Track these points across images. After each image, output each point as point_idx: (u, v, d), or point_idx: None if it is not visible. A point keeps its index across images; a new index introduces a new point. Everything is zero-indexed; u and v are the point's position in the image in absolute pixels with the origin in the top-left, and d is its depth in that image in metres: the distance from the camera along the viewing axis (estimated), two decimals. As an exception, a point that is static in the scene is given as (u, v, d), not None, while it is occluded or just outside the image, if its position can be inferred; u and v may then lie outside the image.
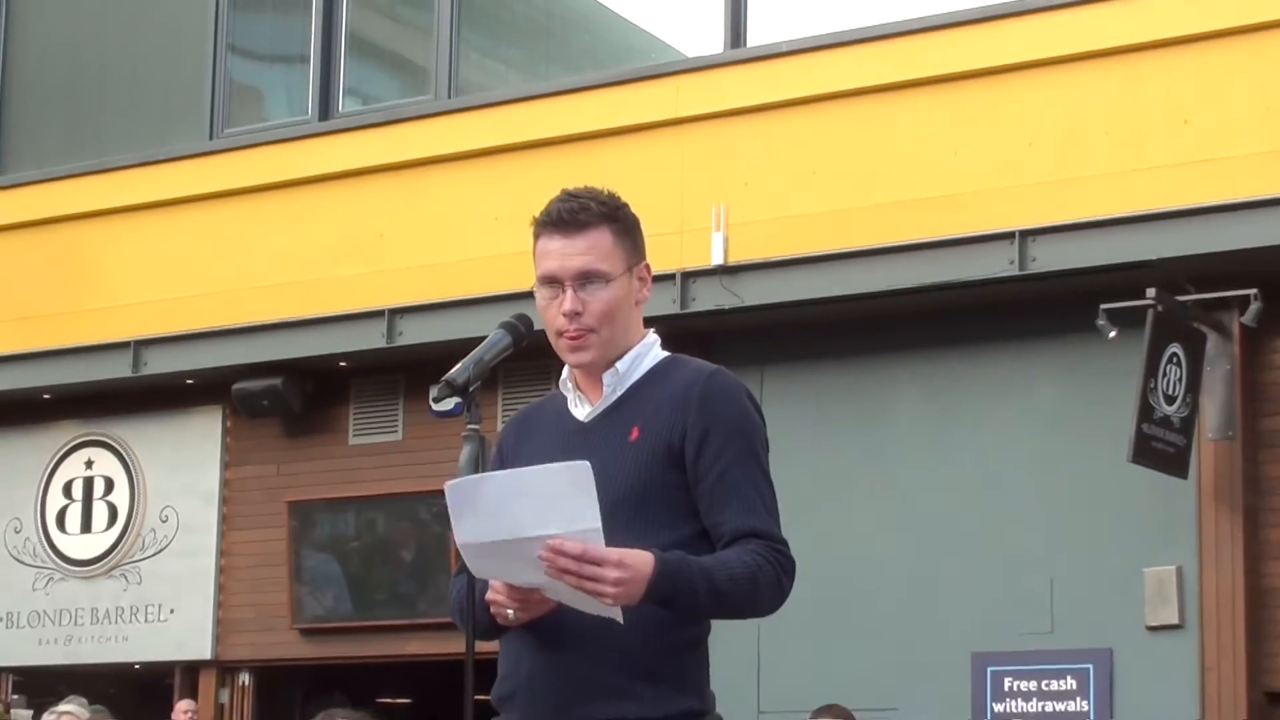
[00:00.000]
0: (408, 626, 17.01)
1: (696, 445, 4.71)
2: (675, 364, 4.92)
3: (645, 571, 4.41)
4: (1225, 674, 13.96)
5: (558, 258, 4.79)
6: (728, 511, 4.69)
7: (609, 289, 4.79)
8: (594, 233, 4.80)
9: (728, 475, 4.71)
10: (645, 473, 4.70)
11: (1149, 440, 13.65)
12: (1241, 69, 13.86)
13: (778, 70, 15.58)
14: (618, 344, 4.85)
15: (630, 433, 4.77)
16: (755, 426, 4.84)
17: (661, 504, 4.68)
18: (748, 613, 4.74)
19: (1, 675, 19.10)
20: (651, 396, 4.82)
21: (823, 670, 14.09)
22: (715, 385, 4.81)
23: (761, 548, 4.67)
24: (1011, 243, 14.28)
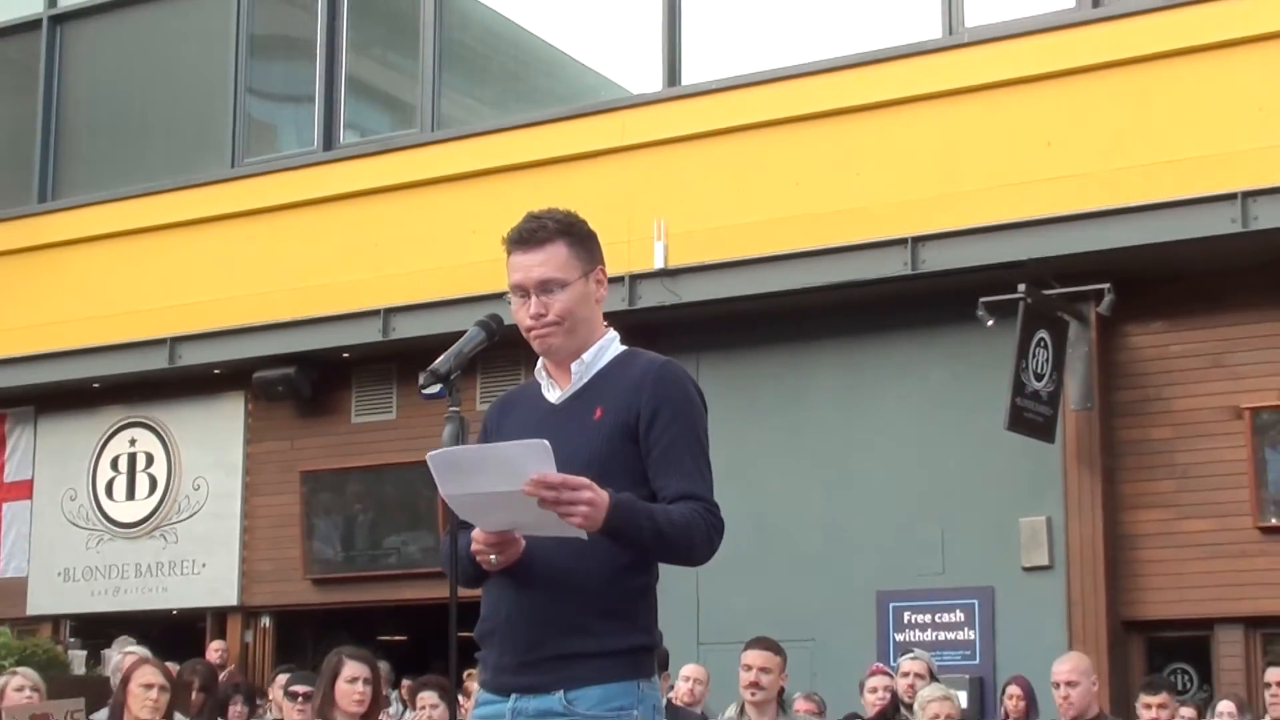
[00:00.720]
0: (403, 575, 17.02)
1: (648, 423, 4.78)
2: (632, 356, 4.98)
3: (605, 503, 4.47)
4: (1088, 607, 14.04)
5: (522, 269, 4.86)
6: (671, 478, 4.75)
7: (566, 292, 4.85)
8: (551, 247, 4.86)
9: (672, 448, 4.78)
10: (607, 445, 4.76)
11: (1022, 411, 13.72)
12: (1096, 100, 13.94)
13: (708, 105, 15.61)
14: (579, 336, 4.90)
15: (595, 412, 4.83)
16: (697, 410, 4.90)
17: (620, 471, 4.71)
18: (683, 558, 4.79)
19: (60, 621, 19.05)
20: (612, 383, 4.88)
21: (752, 607, 14.12)
22: (665, 374, 4.88)
23: (698, 507, 4.72)
24: (905, 247, 14.34)
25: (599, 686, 4.69)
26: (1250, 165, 13.21)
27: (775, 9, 16.08)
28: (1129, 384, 14.41)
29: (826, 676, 13.93)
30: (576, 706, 4.68)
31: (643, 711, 4.75)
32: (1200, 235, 13.42)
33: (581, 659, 4.70)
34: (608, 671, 4.71)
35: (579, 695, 4.68)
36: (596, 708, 4.69)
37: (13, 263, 19.13)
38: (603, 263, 5.00)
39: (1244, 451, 13.79)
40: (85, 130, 19.92)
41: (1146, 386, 14.36)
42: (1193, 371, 14.17)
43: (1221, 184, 13.25)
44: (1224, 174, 13.26)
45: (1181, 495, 14.10)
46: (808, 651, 14.13)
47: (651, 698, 4.80)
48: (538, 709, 4.72)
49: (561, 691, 4.69)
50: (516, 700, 4.76)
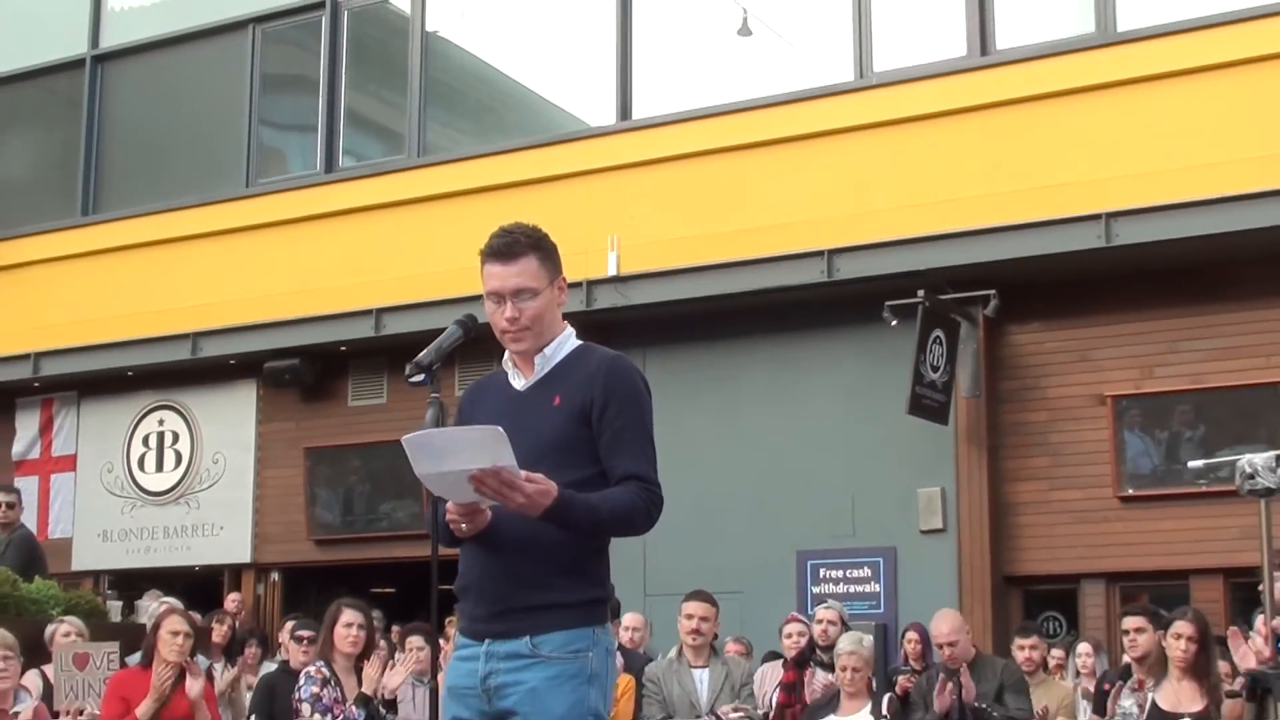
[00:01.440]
0: (393, 537, 16.99)
1: (600, 411, 4.77)
2: (588, 350, 4.97)
3: (544, 503, 4.48)
4: (975, 564, 14.10)
5: (499, 279, 4.85)
6: (620, 459, 4.76)
7: (537, 299, 4.85)
8: (524, 260, 4.85)
9: (621, 434, 4.78)
10: (564, 429, 4.77)
11: (920, 398, 13.78)
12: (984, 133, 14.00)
13: (654, 136, 15.60)
14: (545, 336, 4.90)
15: (554, 400, 4.83)
16: (643, 399, 4.90)
17: (576, 452, 4.73)
18: (625, 533, 4.79)
19: (100, 576, 18.98)
20: (570, 374, 4.88)
21: (691, 564, 14.11)
22: (616, 368, 4.88)
23: (639, 487, 4.73)
24: (822, 258, 14.37)
25: (560, 632, 4.72)
26: (1113, 190, 13.29)
27: (712, 56, 16.10)
28: (1010, 375, 14.47)
29: (753, 623, 13.95)
30: (541, 649, 4.70)
31: (597, 653, 4.77)
32: (1071, 249, 13.48)
33: (545, 609, 4.72)
34: (567, 619, 4.73)
35: (543, 640, 4.70)
36: (558, 650, 4.71)
37: (59, 268, 19.04)
38: (563, 272, 5.01)
39: (1106, 433, 13.88)
40: (121, 154, 19.83)
41: (1025, 377, 14.43)
42: (1064, 365, 14.24)
43: (1089, 206, 13.32)
44: (1091, 197, 13.33)
45: (1054, 470, 14.18)
46: (738, 602, 14.14)
47: (605, 641, 4.82)
48: (508, 651, 4.73)
49: (528, 636, 4.71)
50: (489, 644, 4.77)
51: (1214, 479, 11.08)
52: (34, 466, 19.74)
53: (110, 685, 9.15)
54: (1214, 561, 13.15)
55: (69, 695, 9.68)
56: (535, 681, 4.70)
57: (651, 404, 4.95)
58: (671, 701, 9.77)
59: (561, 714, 4.69)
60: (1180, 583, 13.56)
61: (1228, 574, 13.13)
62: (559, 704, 4.69)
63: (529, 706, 4.71)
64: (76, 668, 9.82)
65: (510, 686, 4.73)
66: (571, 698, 4.71)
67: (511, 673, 4.73)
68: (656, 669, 10.09)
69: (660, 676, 9.93)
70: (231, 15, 18.86)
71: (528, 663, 4.72)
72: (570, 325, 5.06)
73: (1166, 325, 13.82)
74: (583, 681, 4.73)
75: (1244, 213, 12.77)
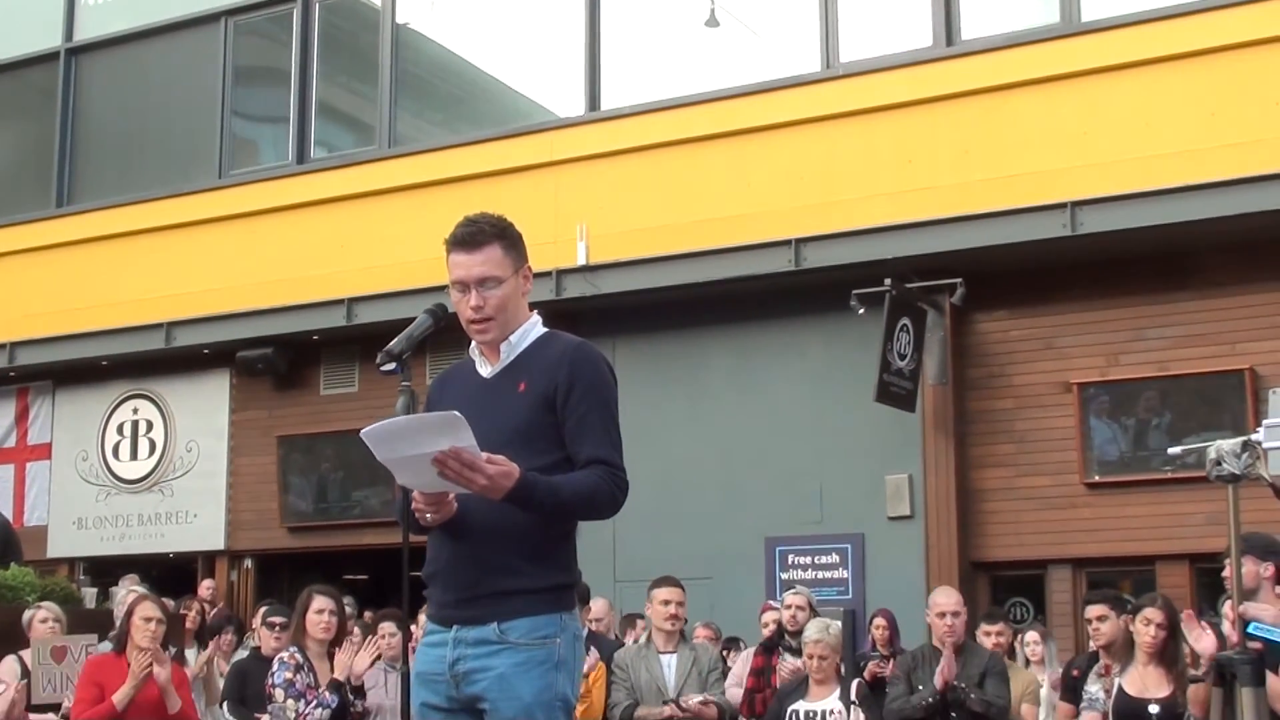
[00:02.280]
0: (365, 524, 16.93)
1: (564, 397, 4.72)
2: (553, 337, 4.92)
3: (505, 485, 4.43)
4: (943, 550, 14.07)
5: (464, 268, 4.80)
6: (584, 445, 4.71)
7: (501, 288, 4.79)
8: (488, 249, 4.80)
9: (585, 419, 4.72)
10: (529, 415, 4.72)
11: (888, 386, 13.75)
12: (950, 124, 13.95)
13: (623, 127, 15.54)
14: (510, 324, 4.85)
15: (519, 386, 4.78)
16: (608, 384, 4.85)
17: (541, 437, 4.69)
18: (590, 517, 4.76)
19: (75, 563, 18.90)
20: (535, 361, 4.82)
21: (659, 550, 14.08)
22: (580, 354, 4.82)
23: (604, 471, 4.68)
24: (789, 247, 14.32)
25: (527, 619, 4.67)
26: (1077, 180, 13.25)
27: (681, 47, 16.03)
28: (977, 363, 14.43)
29: (722, 608, 13.91)
30: (508, 635, 4.65)
31: (565, 639, 4.73)
32: (1036, 238, 13.45)
33: (512, 595, 4.67)
34: (534, 605, 4.68)
35: (510, 626, 4.65)
36: (525, 636, 4.66)
37: (34, 259, 18.94)
38: (528, 260, 4.94)
39: (1072, 420, 13.84)
40: (95, 146, 19.72)
41: (991, 365, 14.39)
42: (1030, 352, 14.20)
43: (1054, 195, 13.29)
44: (1056, 187, 13.30)
45: (1020, 456, 14.14)
46: (706, 588, 14.10)
47: (572, 627, 4.78)
48: (475, 638, 4.68)
49: (495, 623, 4.66)
50: (457, 630, 4.72)
51: (1185, 466, 10.99)
52: (10, 455, 19.65)
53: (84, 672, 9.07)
54: (1180, 548, 13.14)
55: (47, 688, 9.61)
56: (503, 667, 4.65)
57: (617, 390, 4.90)
58: (639, 688, 9.73)
59: (529, 700, 4.64)
60: (1146, 569, 13.54)
61: (1193, 560, 13.12)
62: (526, 690, 4.64)
63: (497, 692, 4.66)
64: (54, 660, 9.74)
65: (478, 672, 4.68)
66: (539, 683, 4.66)
67: (479, 659, 4.68)
68: (625, 655, 10.04)
69: (629, 663, 9.87)
70: (204, 8, 18.77)
71: (495, 649, 4.67)
72: (537, 313, 5.00)
73: (1131, 313, 13.79)
74: (551, 667, 4.69)
75: (1208, 201, 12.75)
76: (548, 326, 4.99)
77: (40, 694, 9.57)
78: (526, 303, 4.96)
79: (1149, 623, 8.58)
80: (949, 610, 9.54)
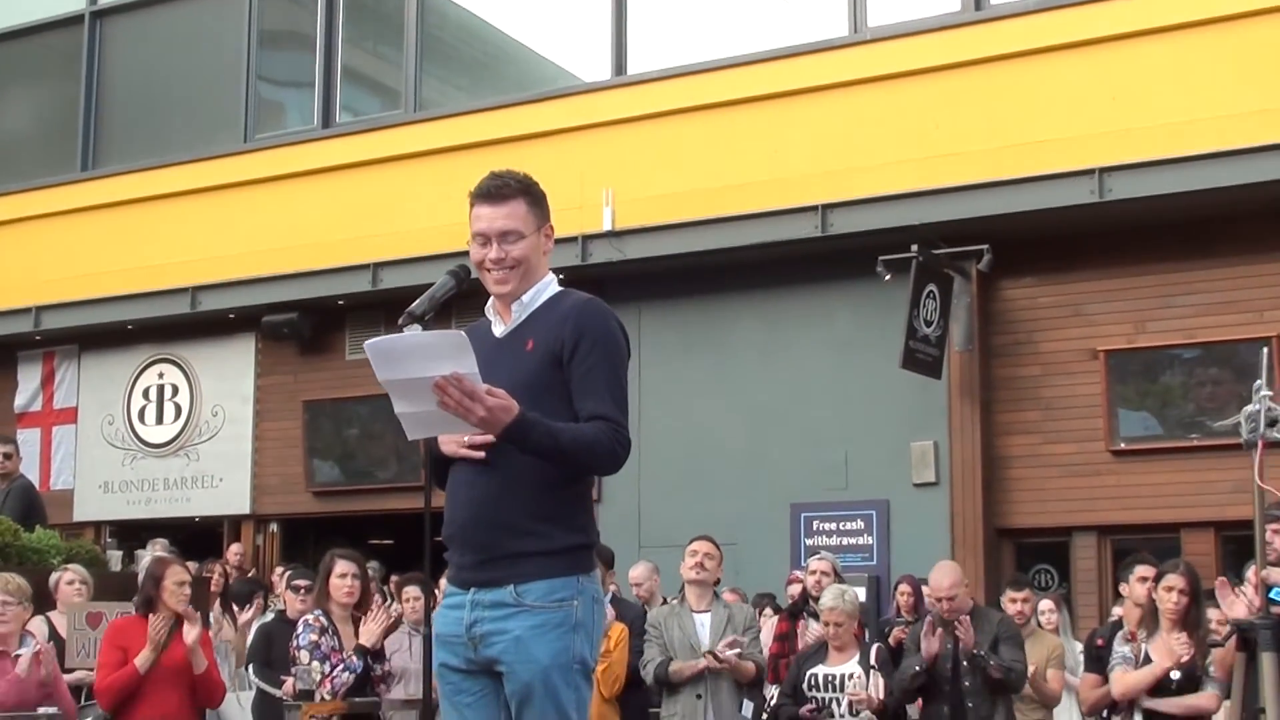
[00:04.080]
0: (389, 489, 16.98)
1: (570, 352, 4.72)
2: (564, 295, 4.93)
3: (504, 419, 4.43)
4: (968, 517, 14.10)
5: (487, 220, 4.81)
6: (587, 400, 4.69)
7: (523, 243, 4.81)
8: (513, 203, 4.81)
9: (589, 375, 4.71)
10: (536, 372, 4.71)
11: (914, 353, 13.76)
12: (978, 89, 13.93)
13: (649, 91, 15.55)
14: (528, 280, 4.86)
15: (527, 344, 4.79)
16: (615, 341, 4.82)
17: (548, 394, 4.67)
18: (590, 468, 4.78)
19: (101, 526, 19.03)
20: (544, 319, 4.83)
21: (685, 516, 14.07)
22: (587, 310, 4.82)
23: (605, 426, 4.65)
24: (816, 213, 14.33)
25: (544, 581, 4.68)
26: (1105, 146, 13.24)
27: (707, 12, 16.01)
28: (1003, 330, 14.44)
29: (747, 574, 13.98)
30: (525, 598, 4.67)
31: (582, 601, 4.74)
32: (1064, 204, 13.44)
33: (528, 557, 4.68)
34: (551, 568, 4.69)
35: (527, 589, 4.67)
36: (542, 599, 4.67)
37: (60, 223, 19.02)
38: (550, 220, 4.95)
39: (1099, 387, 13.85)
40: (120, 110, 19.77)
41: (1018, 332, 14.40)
42: (1057, 319, 14.21)
43: (1081, 161, 13.27)
44: (1083, 153, 13.28)
45: (1046, 423, 14.16)
46: (732, 554, 14.08)
47: (590, 590, 4.79)
48: (492, 600, 4.70)
49: (512, 585, 4.68)
50: (475, 594, 4.74)
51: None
52: (36, 419, 19.76)
53: (107, 636, 9.14)
54: (1206, 515, 13.14)
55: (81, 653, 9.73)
56: (519, 630, 4.67)
57: (626, 348, 4.89)
58: (672, 644, 9.76)
59: (546, 663, 4.66)
60: (1172, 536, 13.55)
61: (1219, 528, 13.13)
62: (543, 652, 4.66)
63: (513, 655, 4.68)
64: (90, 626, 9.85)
65: (495, 635, 4.71)
66: (556, 646, 4.67)
67: (496, 621, 4.70)
68: (658, 615, 10.09)
69: (661, 621, 9.92)
70: (229, -29, 18.78)
71: (512, 611, 4.69)
72: (553, 274, 5.01)
73: (1159, 280, 13.79)
74: (567, 630, 4.70)
75: (1237, 167, 12.72)
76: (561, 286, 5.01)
77: (75, 659, 9.69)
78: (546, 263, 4.97)
79: (1171, 589, 8.62)
80: (943, 595, 9.58)
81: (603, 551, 10.21)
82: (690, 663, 9.71)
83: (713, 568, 10.10)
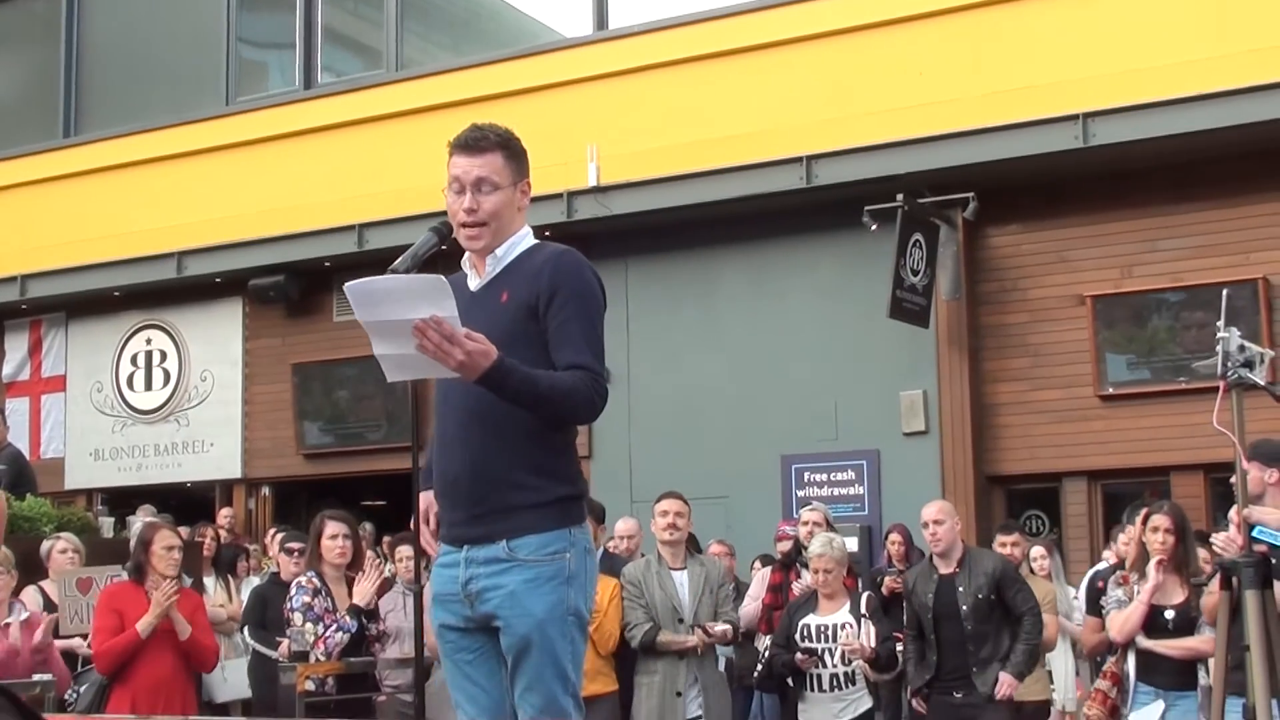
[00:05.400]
0: (380, 450, 17.03)
1: (546, 303, 4.76)
2: (539, 248, 4.97)
3: (482, 364, 4.45)
4: (958, 465, 14.17)
5: (463, 168, 4.89)
6: (564, 350, 4.73)
7: (497, 194, 4.87)
8: (490, 154, 4.88)
9: (565, 326, 4.75)
10: (512, 325, 4.75)
11: (901, 302, 13.81)
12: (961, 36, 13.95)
13: (632, 46, 15.55)
14: (501, 235, 4.91)
15: (501, 297, 4.84)
16: (591, 292, 4.87)
17: (525, 345, 4.70)
18: (568, 416, 4.80)
19: (92, 494, 19.08)
20: (518, 271, 4.88)
21: (675, 469, 14.09)
22: (562, 262, 4.86)
23: (584, 376, 4.69)
24: (800, 164, 14.34)
25: (536, 535, 4.74)
26: (1089, 90, 13.27)
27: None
28: (990, 277, 14.50)
29: (738, 526, 14.07)
30: (518, 553, 4.73)
31: (575, 553, 4.80)
32: (1048, 150, 13.47)
33: (518, 510, 4.74)
34: (542, 521, 4.75)
35: (519, 543, 4.73)
36: (535, 553, 4.74)
37: (43, 190, 19.02)
38: (528, 176, 5.00)
39: (1086, 333, 13.92)
40: (102, 75, 19.77)
41: (1004, 279, 14.45)
42: (1043, 266, 14.26)
43: (1066, 107, 13.30)
44: (1068, 98, 13.31)
45: (1034, 370, 14.23)
46: (722, 506, 14.28)
47: (582, 541, 4.85)
48: (485, 557, 4.77)
49: (505, 541, 4.74)
50: (468, 550, 4.81)
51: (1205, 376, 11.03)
52: (24, 388, 19.78)
53: (101, 601, 9.20)
54: (1194, 458, 13.18)
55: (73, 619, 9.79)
56: (513, 585, 4.73)
57: (602, 299, 4.93)
58: (654, 606, 9.77)
59: (541, 616, 4.72)
60: (1161, 479, 13.63)
61: (1208, 469, 13.19)
62: (538, 606, 4.72)
63: (509, 610, 4.74)
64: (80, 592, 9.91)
65: (490, 591, 4.77)
66: (551, 598, 4.74)
67: (490, 577, 4.77)
68: (635, 572, 10.05)
69: (641, 580, 9.91)
70: (208, -68, 18.75)
71: (505, 566, 4.75)
72: (529, 228, 5.06)
73: (1144, 224, 13.84)
74: (561, 582, 4.76)
75: (1220, 110, 12.76)
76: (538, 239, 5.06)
77: (68, 625, 9.75)
78: (522, 218, 5.01)
79: (1157, 530, 8.70)
80: (929, 519, 9.68)
81: (594, 506, 10.25)
82: (679, 638, 9.73)
83: (684, 526, 10.14)
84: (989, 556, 9.95)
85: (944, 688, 9.51)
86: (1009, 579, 9.56)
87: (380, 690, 9.29)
